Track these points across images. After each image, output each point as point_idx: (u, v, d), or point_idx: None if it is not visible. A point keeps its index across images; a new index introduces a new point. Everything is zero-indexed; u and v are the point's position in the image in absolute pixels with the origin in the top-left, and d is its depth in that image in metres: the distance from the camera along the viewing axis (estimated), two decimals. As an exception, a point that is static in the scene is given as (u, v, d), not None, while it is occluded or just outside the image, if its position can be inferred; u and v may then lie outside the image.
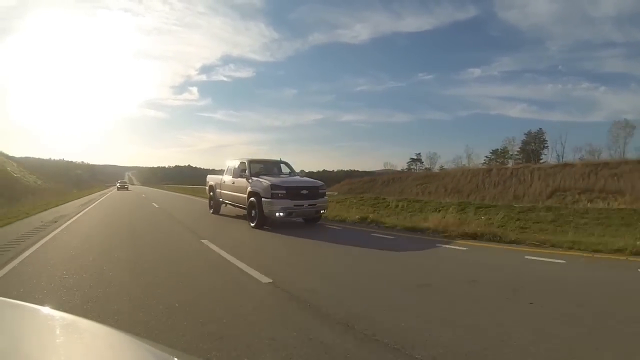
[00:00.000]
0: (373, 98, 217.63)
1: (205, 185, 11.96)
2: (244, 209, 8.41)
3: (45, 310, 1.07)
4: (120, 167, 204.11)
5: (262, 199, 7.49)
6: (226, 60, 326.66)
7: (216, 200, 10.60)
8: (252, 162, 8.81)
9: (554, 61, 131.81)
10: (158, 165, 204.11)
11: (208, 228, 8.20)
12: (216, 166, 16.73)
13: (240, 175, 8.65)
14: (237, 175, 8.86)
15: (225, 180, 9.70)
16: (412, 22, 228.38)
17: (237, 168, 9.01)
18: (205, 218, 10.12)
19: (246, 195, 8.13)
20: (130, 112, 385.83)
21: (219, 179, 10.26)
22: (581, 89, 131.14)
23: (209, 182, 11.19)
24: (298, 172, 9.71)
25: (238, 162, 9.09)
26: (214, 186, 10.72)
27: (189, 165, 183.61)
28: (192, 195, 23.74)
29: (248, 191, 8.04)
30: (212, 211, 10.81)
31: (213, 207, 10.85)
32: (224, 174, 10.03)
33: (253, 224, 7.71)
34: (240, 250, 5.41)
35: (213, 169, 23.68)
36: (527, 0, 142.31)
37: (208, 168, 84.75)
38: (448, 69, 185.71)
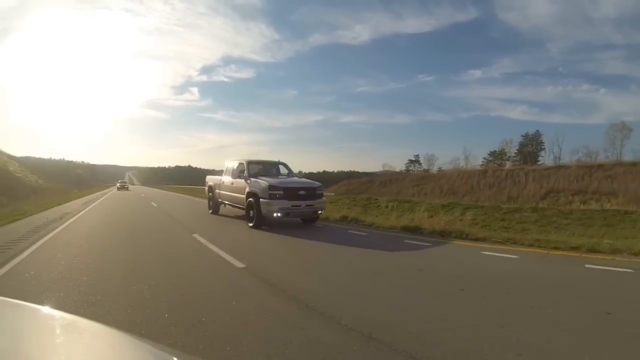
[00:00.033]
0: (373, 99, 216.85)
1: (205, 185, 12.03)
2: (243, 209, 8.47)
3: (45, 310, 1.07)
4: (121, 167, 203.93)
5: (260, 199, 7.58)
6: (227, 61, 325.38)
7: (215, 201, 10.67)
8: (251, 163, 8.88)
9: (554, 63, 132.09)
10: (159, 165, 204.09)
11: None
12: (217, 167, 16.68)
13: (238, 176, 8.73)
14: (235, 176, 8.94)
15: (224, 181, 9.77)
16: (413, 24, 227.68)
17: (235, 169, 9.11)
18: (205, 218, 10.22)
19: (244, 195, 8.21)
20: (131, 112, 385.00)
21: (218, 179, 10.32)
22: (581, 91, 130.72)
23: (208, 183, 11.24)
24: (296, 173, 9.81)
25: (237, 163, 9.19)
26: (213, 187, 10.78)
27: (189, 165, 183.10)
28: (191, 196, 23.84)
29: (246, 192, 8.13)
30: (212, 211, 10.87)
31: (212, 208, 10.92)
32: (222, 174, 10.09)
33: (251, 224, 7.81)
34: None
35: (213, 170, 23.73)
36: (528, 1, 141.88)
37: (208, 168, 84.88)
38: (448, 71, 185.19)
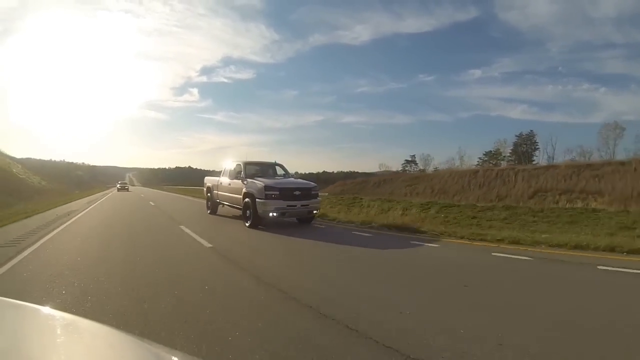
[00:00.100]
0: (374, 99, 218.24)
1: (203, 186, 12.25)
2: (240, 210, 8.66)
3: (45, 310, 1.07)
4: (121, 168, 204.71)
5: (257, 199, 7.77)
6: (227, 62, 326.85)
7: (213, 201, 10.92)
8: (248, 164, 9.13)
9: (554, 62, 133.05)
10: (159, 166, 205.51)
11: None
12: (217, 167, 16.46)
13: (236, 177, 8.97)
14: (233, 177, 9.15)
15: (222, 182, 10.00)
16: (413, 23, 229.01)
17: (233, 170, 9.34)
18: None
19: (241, 196, 8.44)
20: (130, 113, 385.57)
21: (216, 180, 10.54)
22: (581, 90, 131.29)
23: (207, 184, 11.49)
24: (292, 174, 10.17)
25: (234, 165, 9.42)
26: (211, 187, 11.02)
27: (189, 166, 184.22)
28: (190, 196, 23.83)
29: (243, 192, 8.35)
30: (210, 212, 11.09)
31: (210, 208, 11.16)
32: (220, 175, 10.32)
33: (248, 224, 8.02)
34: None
35: (213, 171, 24.19)
36: (528, 1, 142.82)
37: (208, 169, 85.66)
38: (449, 70, 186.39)
